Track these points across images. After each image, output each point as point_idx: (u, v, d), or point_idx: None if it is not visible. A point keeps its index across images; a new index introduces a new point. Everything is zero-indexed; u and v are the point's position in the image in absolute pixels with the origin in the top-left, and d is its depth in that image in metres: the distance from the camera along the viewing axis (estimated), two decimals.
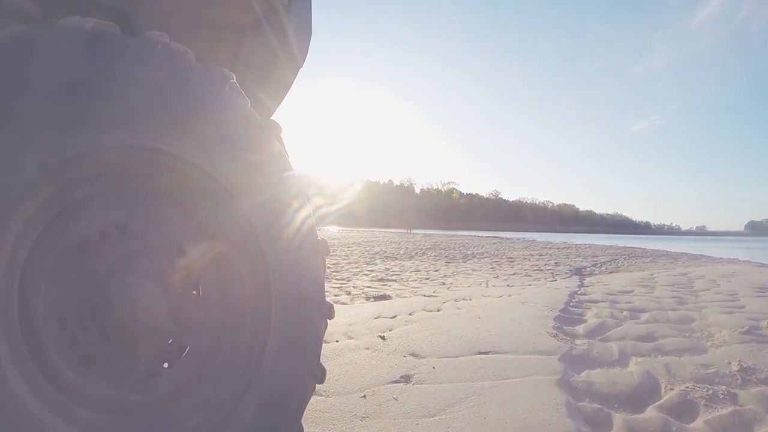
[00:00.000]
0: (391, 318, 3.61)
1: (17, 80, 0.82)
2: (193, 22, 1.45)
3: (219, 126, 1.03)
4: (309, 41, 1.76)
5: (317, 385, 1.24)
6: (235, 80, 1.11)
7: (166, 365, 1.08)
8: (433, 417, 1.82)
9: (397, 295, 4.94)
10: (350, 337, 2.99)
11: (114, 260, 0.99)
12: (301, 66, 1.79)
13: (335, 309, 1.27)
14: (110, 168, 0.96)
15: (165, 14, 1.40)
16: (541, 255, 12.54)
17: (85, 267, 0.96)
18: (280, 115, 1.95)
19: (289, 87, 1.87)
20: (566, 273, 7.79)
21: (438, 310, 3.98)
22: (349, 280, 6.16)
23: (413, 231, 46.91)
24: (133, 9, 1.35)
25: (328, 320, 1.26)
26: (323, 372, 1.23)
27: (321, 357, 1.24)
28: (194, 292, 1.13)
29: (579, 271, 8.20)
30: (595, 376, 2.32)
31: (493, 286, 5.98)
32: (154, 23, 1.40)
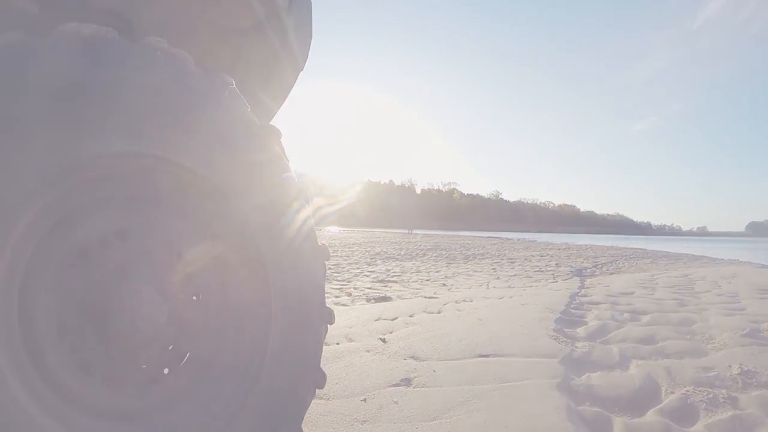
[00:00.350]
0: (392, 320, 3.61)
1: (16, 87, 0.81)
2: (194, 25, 1.45)
3: (218, 131, 1.03)
4: (310, 43, 1.76)
5: (317, 389, 1.24)
6: (234, 85, 1.11)
7: (166, 371, 1.08)
8: (433, 420, 1.81)
9: (397, 296, 4.93)
10: (351, 340, 2.99)
11: (114, 266, 0.99)
12: (302, 68, 1.78)
13: (336, 311, 1.27)
14: (110, 174, 0.96)
15: (165, 17, 1.40)
16: (541, 256, 12.53)
17: (84, 273, 0.96)
18: (280, 117, 1.95)
19: (291, 88, 1.87)
20: (567, 274, 7.78)
21: (439, 312, 3.98)
22: (350, 281, 6.15)
23: (414, 231, 46.94)
24: (133, 12, 1.35)
25: (329, 325, 1.26)
26: (323, 377, 1.23)
27: (321, 360, 1.24)
28: (194, 297, 1.13)
29: (580, 272, 8.19)
30: (595, 379, 2.31)
31: (494, 287, 5.98)
32: (154, 27, 1.40)
